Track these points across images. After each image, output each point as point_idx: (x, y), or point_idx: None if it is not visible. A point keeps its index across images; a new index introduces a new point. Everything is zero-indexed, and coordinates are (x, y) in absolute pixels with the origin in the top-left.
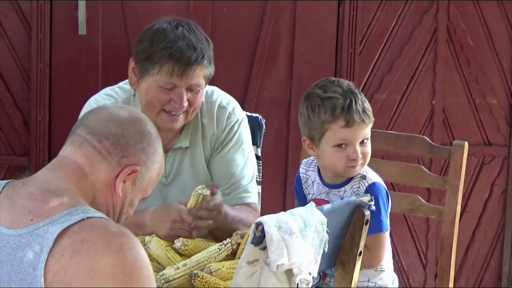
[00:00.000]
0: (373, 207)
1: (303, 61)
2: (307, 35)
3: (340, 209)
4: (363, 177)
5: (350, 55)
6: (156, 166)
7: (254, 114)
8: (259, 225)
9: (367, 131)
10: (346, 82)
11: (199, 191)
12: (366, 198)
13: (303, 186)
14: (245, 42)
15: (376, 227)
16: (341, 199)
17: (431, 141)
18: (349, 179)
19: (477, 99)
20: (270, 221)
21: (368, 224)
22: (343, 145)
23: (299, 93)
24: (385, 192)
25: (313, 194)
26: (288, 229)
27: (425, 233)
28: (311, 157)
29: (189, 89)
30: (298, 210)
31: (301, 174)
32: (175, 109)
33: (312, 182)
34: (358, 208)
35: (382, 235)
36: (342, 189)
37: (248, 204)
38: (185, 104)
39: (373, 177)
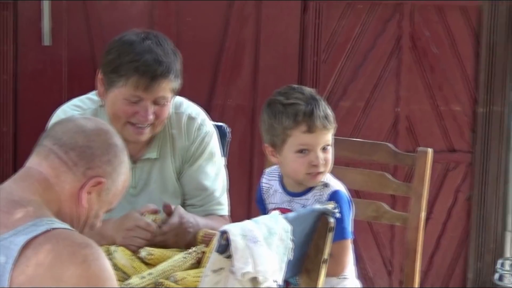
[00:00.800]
0: (338, 215)
1: (268, 69)
2: (271, 43)
3: (304, 217)
4: (325, 185)
5: (314, 63)
6: (122, 178)
7: (219, 123)
8: (223, 233)
9: (328, 137)
10: (308, 89)
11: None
12: (330, 206)
13: (264, 196)
14: (209, 51)
15: (340, 234)
16: (304, 207)
17: (395, 148)
18: (312, 187)
19: (441, 106)
20: (235, 230)
21: (333, 232)
22: (305, 151)
23: (263, 101)
24: (348, 200)
25: (275, 203)
26: (253, 237)
27: (390, 240)
28: (273, 167)
29: (155, 102)
30: (263, 218)
31: (263, 184)
32: (141, 122)
33: (274, 191)
34: (323, 215)
35: (345, 242)
36: (305, 197)
37: (220, 216)
38: (151, 117)
39: (335, 184)
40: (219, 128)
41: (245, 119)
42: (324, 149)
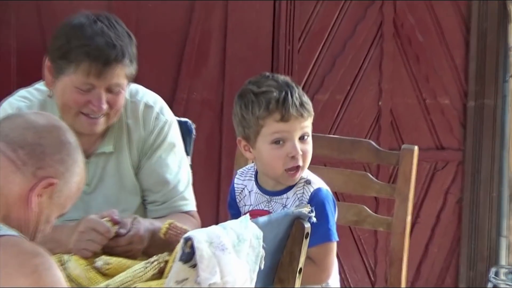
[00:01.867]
0: (314, 219)
1: (236, 60)
2: (240, 32)
3: (277, 222)
4: (308, 182)
5: (288, 53)
6: (75, 179)
7: (183, 119)
8: (188, 240)
9: (306, 124)
10: (282, 77)
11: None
12: (305, 209)
13: (237, 198)
14: (172, 41)
15: (324, 236)
16: (284, 207)
17: (377, 146)
18: (292, 185)
19: (428, 99)
20: (200, 236)
21: (308, 238)
22: (281, 142)
23: (232, 94)
24: (332, 199)
25: (250, 205)
26: (220, 245)
27: (373, 247)
28: (247, 166)
29: (109, 90)
30: (231, 224)
31: (235, 185)
32: (94, 112)
33: (249, 192)
34: (297, 220)
35: (331, 245)
36: (285, 195)
37: (186, 213)
38: (104, 106)
39: (318, 182)
40: (183, 124)
41: (212, 114)
42: (302, 138)
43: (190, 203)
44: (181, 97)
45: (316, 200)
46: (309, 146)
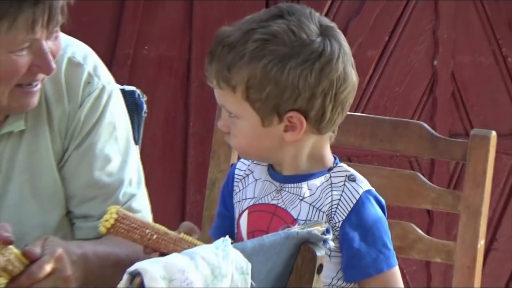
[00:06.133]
0: (331, 244)
1: None
2: None
3: (273, 247)
4: (351, 178)
5: None
6: None
7: (127, 87)
8: (135, 276)
9: None
10: (318, 16)
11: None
12: (318, 228)
13: (235, 189)
14: None
15: (382, 262)
16: (301, 200)
17: (432, 130)
18: (321, 172)
19: (510, 57)
20: (154, 270)
21: (321, 273)
22: None
23: (205, 48)
24: (384, 206)
25: (253, 198)
26: (185, 282)
27: (425, 285)
28: None
29: (48, 38)
30: (202, 251)
31: (236, 171)
32: (40, 77)
33: (255, 180)
34: (304, 245)
35: (392, 274)
36: (303, 185)
37: None
38: (53, 63)
39: (365, 181)
40: (127, 95)
41: (174, 80)
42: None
43: (143, 216)
44: (124, 54)
45: (366, 208)
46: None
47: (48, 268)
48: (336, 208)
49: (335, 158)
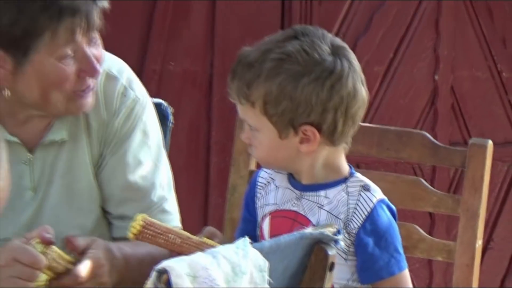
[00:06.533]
0: (343, 244)
1: (231, 16)
2: None
3: (289, 247)
4: (366, 188)
5: (304, 3)
6: None
7: (155, 100)
8: (162, 273)
9: None
10: (330, 37)
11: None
12: (330, 229)
13: (258, 194)
14: None
15: (393, 265)
16: (320, 208)
17: (433, 139)
18: (337, 182)
19: (505, 72)
20: (180, 268)
21: (332, 270)
22: None
23: (226, 64)
24: (396, 214)
25: (275, 204)
26: (208, 279)
27: (428, 282)
28: None
29: (89, 43)
30: (224, 250)
31: (259, 178)
32: (89, 80)
33: (277, 187)
34: (318, 245)
35: (402, 277)
36: (322, 193)
37: None
38: (97, 65)
39: (379, 190)
40: (156, 107)
41: (198, 93)
42: None
43: (174, 218)
44: (151, 69)
45: (379, 217)
46: None
47: (90, 272)
48: (353, 216)
49: (350, 168)
